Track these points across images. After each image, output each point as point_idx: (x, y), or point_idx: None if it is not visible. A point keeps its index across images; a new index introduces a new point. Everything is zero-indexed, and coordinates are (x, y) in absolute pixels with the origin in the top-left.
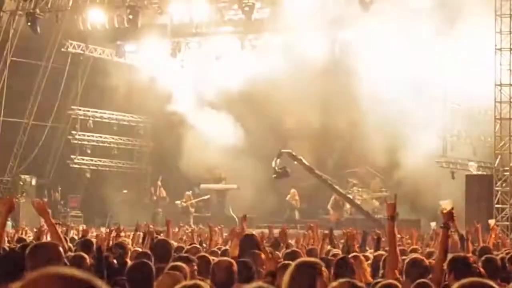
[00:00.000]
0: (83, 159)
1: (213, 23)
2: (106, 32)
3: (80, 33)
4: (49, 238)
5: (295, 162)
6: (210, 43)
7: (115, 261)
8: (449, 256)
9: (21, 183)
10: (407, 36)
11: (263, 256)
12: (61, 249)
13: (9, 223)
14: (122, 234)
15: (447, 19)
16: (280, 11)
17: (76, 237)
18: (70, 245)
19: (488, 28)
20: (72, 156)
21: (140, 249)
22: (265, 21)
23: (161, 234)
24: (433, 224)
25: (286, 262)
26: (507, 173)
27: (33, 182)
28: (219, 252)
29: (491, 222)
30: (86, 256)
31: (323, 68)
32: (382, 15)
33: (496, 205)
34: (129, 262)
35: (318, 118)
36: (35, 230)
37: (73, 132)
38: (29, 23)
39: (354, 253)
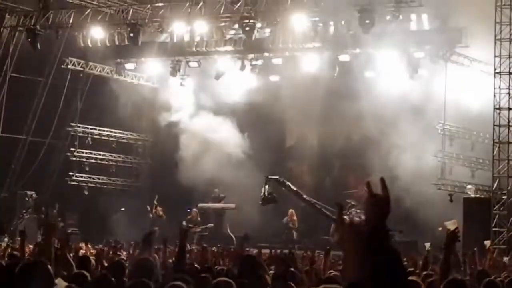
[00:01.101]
0: (81, 176)
1: (213, 42)
2: (106, 49)
3: (80, 50)
4: None
5: (283, 188)
6: (210, 62)
7: (113, 279)
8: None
9: (27, 199)
10: (407, 58)
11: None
12: (49, 267)
13: (5, 239)
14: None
15: (447, 42)
16: (281, 32)
17: None
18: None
19: (488, 52)
20: (70, 173)
21: None
22: (266, 41)
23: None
24: (427, 245)
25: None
26: (505, 197)
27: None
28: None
29: (487, 243)
30: (86, 273)
31: (322, 88)
32: (382, 37)
33: (494, 228)
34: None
35: (317, 138)
36: (30, 246)
37: (72, 149)
38: (29, 39)
39: None
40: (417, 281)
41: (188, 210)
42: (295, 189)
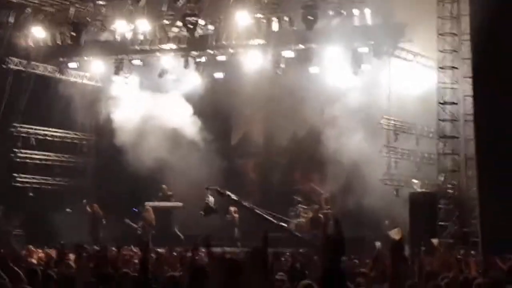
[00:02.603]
0: (26, 177)
1: (156, 40)
2: (48, 48)
3: (22, 49)
4: None
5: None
6: (154, 60)
7: None
8: None
9: None
10: (350, 53)
11: None
12: None
13: None
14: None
15: (391, 37)
16: (224, 29)
17: None
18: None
19: (430, 47)
20: (15, 174)
21: None
22: (209, 38)
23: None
24: (378, 244)
25: None
26: (451, 191)
27: None
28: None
29: (435, 241)
30: None
31: (267, 85)
32: (326, 33)
33: (440, 223)
34: None
35: (263, 134)
36: None
37: (16, 150)
38: None
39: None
40: None
41: (135, 210)
42: (235, 198)
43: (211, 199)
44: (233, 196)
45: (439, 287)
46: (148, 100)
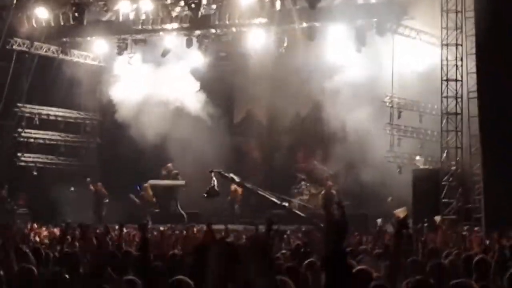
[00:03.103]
0: (30, 157)
1: (159, 19)
2: (51, 29)
3: (25, 30)
4: None
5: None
6: (157, 39)
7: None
8: None
9: None
10: (354, 31)
11: None
12: None
13: None
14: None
15: (394, 15)
16: (227, 8)
17: None
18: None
19: (435, 24)
20: (19, 154)
21: None
22: (212, 17)
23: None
24: (379, 220)
25: None
26: (454, 168)
27: None
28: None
29: (437, 219)
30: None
31: (270, 64)
32: (329, 11)
33: (443, 200)
34: None
35: (266, 113)
36: None
37: (19, 129)
38: None
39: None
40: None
41: (138, 188)
42: (238, 180)
43: (215, 182)
44: (237, 179)
45: (441, 264)
46: (150, 79)
